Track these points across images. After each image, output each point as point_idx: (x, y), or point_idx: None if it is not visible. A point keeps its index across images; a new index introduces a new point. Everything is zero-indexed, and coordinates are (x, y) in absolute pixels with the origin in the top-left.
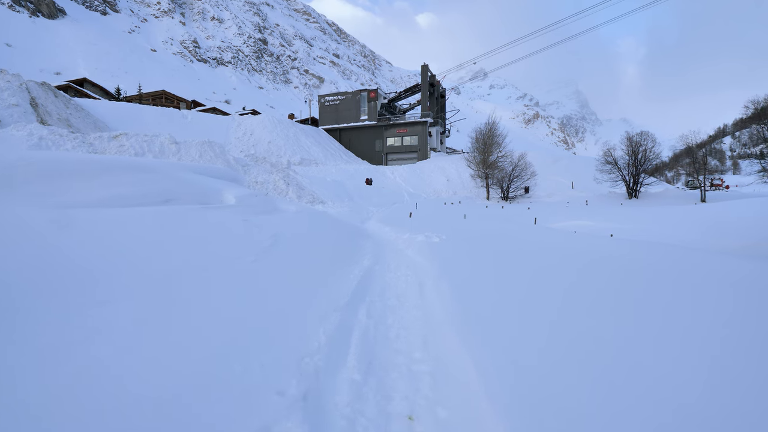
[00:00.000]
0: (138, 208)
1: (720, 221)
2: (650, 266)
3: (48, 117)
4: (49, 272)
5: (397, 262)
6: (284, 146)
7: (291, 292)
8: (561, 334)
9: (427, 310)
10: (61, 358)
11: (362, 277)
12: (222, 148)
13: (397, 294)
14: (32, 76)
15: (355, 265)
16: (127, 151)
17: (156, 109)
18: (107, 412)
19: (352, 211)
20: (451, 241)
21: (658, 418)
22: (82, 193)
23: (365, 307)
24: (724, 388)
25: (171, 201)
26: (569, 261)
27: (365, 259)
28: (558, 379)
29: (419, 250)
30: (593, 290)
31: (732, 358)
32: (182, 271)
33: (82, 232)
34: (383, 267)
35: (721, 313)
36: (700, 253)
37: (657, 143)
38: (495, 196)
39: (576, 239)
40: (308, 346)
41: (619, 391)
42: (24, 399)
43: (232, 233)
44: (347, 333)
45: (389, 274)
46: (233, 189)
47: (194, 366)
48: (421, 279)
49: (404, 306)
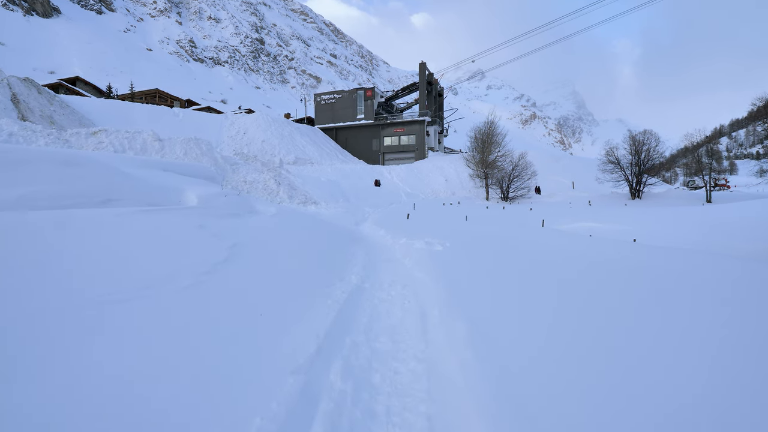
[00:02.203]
0: (52, 212)
1: (738, 223)
2: (706, 283)
3: (30, 114)
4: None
5: (393, 277)
6: (278, 145)
7: (231, 339)
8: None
9: (434, 365)
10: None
11: (345, 302)
12: (209, 145)
13: (391, 329)
14: (25, 74)
15: (340, 282)
16: (105, 148)
17: (146, 107)
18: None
19: (346, 212)
20: (457, 250)
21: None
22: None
23: (342, 357)
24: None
25: (111, 202)
26: (607, 275)
27: (353, 274)
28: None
29: (419, 260)
30: (655, 319)
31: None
32: (54, 309)
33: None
34: (374, 284)
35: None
36: (739, 261)
37: (661, 142)
38: (494, 196)
39: (598, 245)
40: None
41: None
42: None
43: (175, 244)
44: (306, 417)
45: (381, 295)
46: (200, 188)
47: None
48: (423, 304)
49: (400, 353)
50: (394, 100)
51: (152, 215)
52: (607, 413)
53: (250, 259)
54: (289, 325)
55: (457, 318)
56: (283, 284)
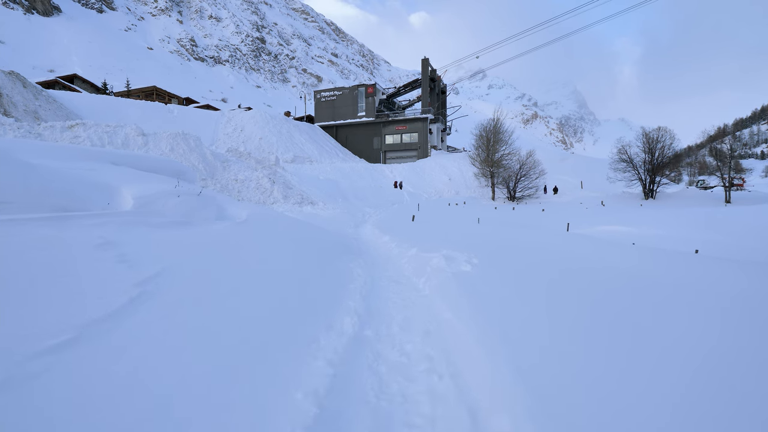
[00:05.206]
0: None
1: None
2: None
3: (13, 108)
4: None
5: (405, 313)
6: (276, 143)
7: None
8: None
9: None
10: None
11: (331, 390)
12: (198, 141)
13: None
14: (24, 72)
15: (325, 335)
16: (83, 143)
17: (140, 103)
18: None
19: (345, 213)
20: (491, 270)
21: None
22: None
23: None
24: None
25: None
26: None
27: (347, 314)
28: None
29: (441, 287)
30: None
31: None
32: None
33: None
34: (379, 329)
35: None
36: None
37: (676, 139)
38: (500, 196)
39: (660, 260)
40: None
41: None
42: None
43: (33, 281)
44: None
45: (391, 356)
46: (144, 186)
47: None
48: (466, 384)
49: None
50: (395, 97)
51: (27, 227)
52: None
53: (171, 305)
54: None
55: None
56: (217, 357)
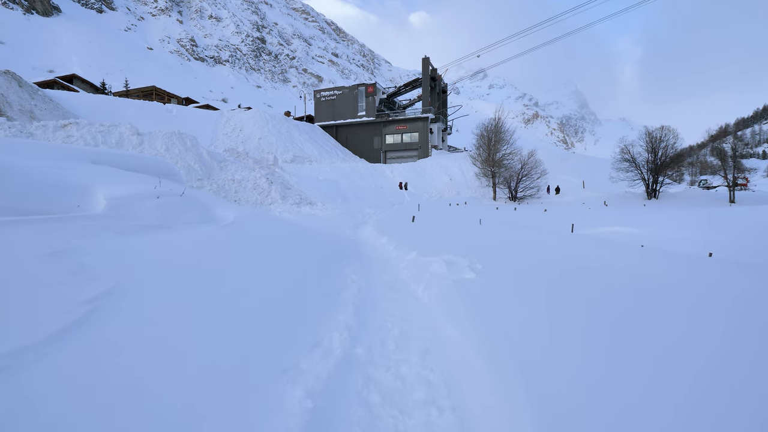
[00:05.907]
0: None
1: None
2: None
3: (8, 108)
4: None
5: (402, 326)
6: (276, 143)
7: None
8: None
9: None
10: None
11: (312, 421)
12: (194, 140)
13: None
14: (24, 73)
15: (309, 355)
16: (76, 142)
17: (138, 103)
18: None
19: (344, 214)
20: (496, 278)
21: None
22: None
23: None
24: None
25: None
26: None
27: (336, 329)
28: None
29: (441, 296)
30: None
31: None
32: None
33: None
34: (372, 346)
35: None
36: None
37: (680, 139)
38: (502, 196)
39: (676, 264)
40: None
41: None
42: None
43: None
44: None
45: (385, 379)
46: (121, 186)
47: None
48: (474, 422)
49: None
50: (396, 97)
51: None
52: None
53: (128, 322)
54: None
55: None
56: (156, 405)
